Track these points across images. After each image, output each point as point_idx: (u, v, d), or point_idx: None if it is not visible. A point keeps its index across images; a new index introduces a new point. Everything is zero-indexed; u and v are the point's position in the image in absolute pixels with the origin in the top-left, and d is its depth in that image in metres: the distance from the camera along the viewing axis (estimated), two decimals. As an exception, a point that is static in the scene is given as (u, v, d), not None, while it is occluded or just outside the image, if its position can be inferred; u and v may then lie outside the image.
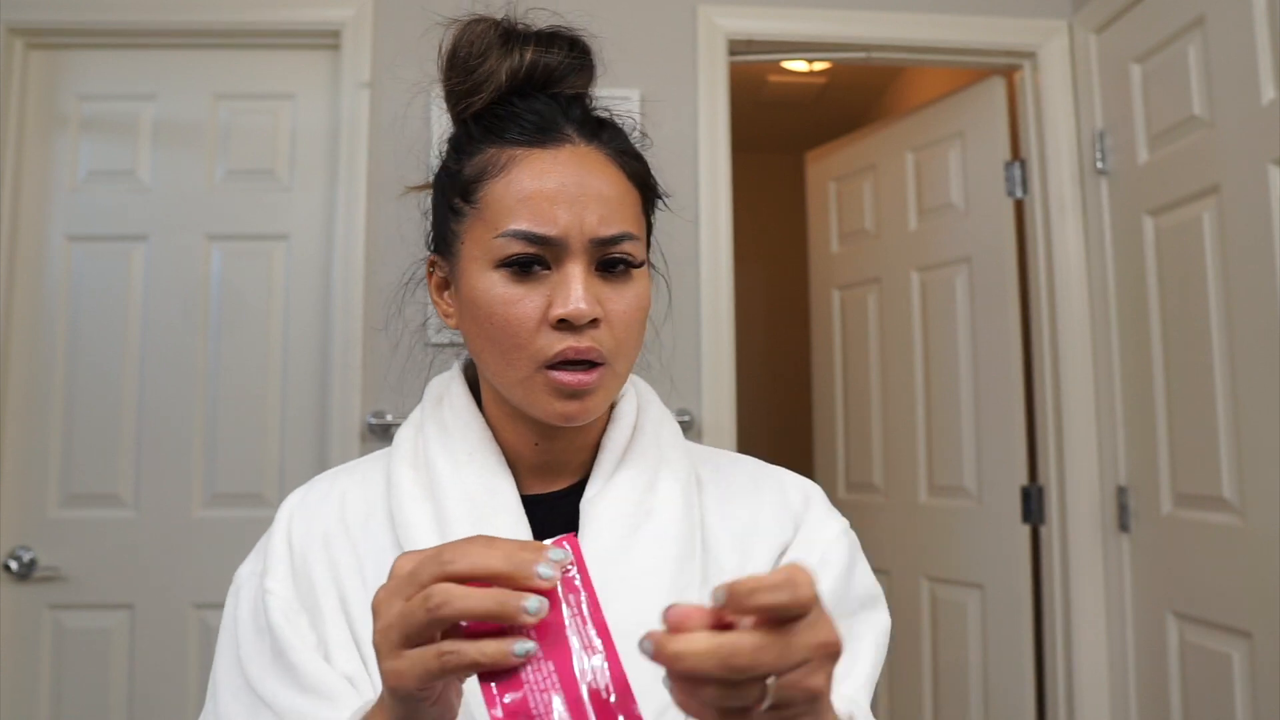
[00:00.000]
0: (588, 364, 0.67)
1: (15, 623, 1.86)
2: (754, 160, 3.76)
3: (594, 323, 0.66)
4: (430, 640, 0.46)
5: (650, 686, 0.49)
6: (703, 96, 2.01)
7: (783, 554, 0.73)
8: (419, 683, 0.46)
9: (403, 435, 0.76)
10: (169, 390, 1.93)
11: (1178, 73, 1.74)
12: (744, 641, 0.42)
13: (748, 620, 0.43)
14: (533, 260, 0.66)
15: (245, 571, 0.74)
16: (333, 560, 0.70)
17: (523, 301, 0.66)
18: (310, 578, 0.70)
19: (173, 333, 1.95)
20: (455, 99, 0.74)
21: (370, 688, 0.66)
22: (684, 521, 0.71)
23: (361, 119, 1.94)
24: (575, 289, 0.65)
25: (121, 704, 1.86)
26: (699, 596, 0.68)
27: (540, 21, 0.74)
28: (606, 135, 0.71)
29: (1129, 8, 1.89)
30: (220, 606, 0.74)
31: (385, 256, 1.91)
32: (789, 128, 3.93)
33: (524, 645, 0.45)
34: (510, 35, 0.72)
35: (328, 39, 1.99)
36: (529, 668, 0.46)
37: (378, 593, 0.48)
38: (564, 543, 0.48)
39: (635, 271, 0.69)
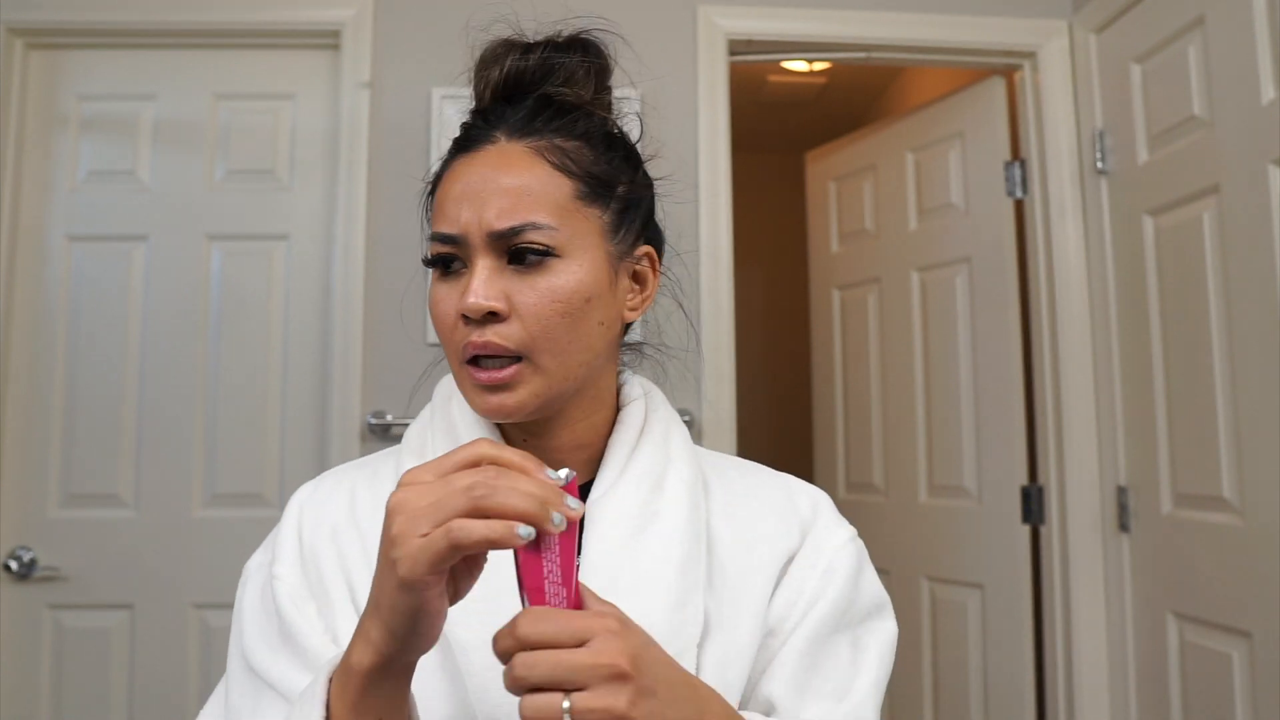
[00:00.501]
0: (501, 360, 0.67)
1: (15, 623, 1.86)
2: (754, 160, 3.76)
3: (494, 316, 0.66)
4: None
5: None
6: (703, 96, 2.01)
7: (789, 561, 0.73)
8: (429, 565, 0.49)
9: (412, 433, 0.78)
10: (169, 390, 1.94)
11: (1178, 73, 1.75)
12: (520, 658, 0.48)
13: None
14: (449, 259, 0.69)
15: (254, 564, 0.75)
16: (341, 552, 0.71)
17: (445, 300, 0.69)
18: (319, 568, 0.71)
19: (173, 333, 1.95)
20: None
21: None
22: (690, 524, 0.71)
23: (361, 119, 1.94)
24: (471, 283, 0.66)
25: (121, 704, 1.86)
26: (703, 600, 0.68)
27: (574, 27, 0.75)
28: (539, 126, 0.70)
29: (1129, 8, 1.89)
30: (220, 606, 0.75)
31: (385, 257, 1.91)
32: (789, 128, 3.93)
33: (526, 529, 0.49)
34: (503, 51, 0.74)
35: (328, 39, 1.99)
36: (549, 581, 0.52)
37: (392, 497, 0.52)
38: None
39: (554, 261, 0.67)
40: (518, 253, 0.67)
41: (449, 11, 1.94)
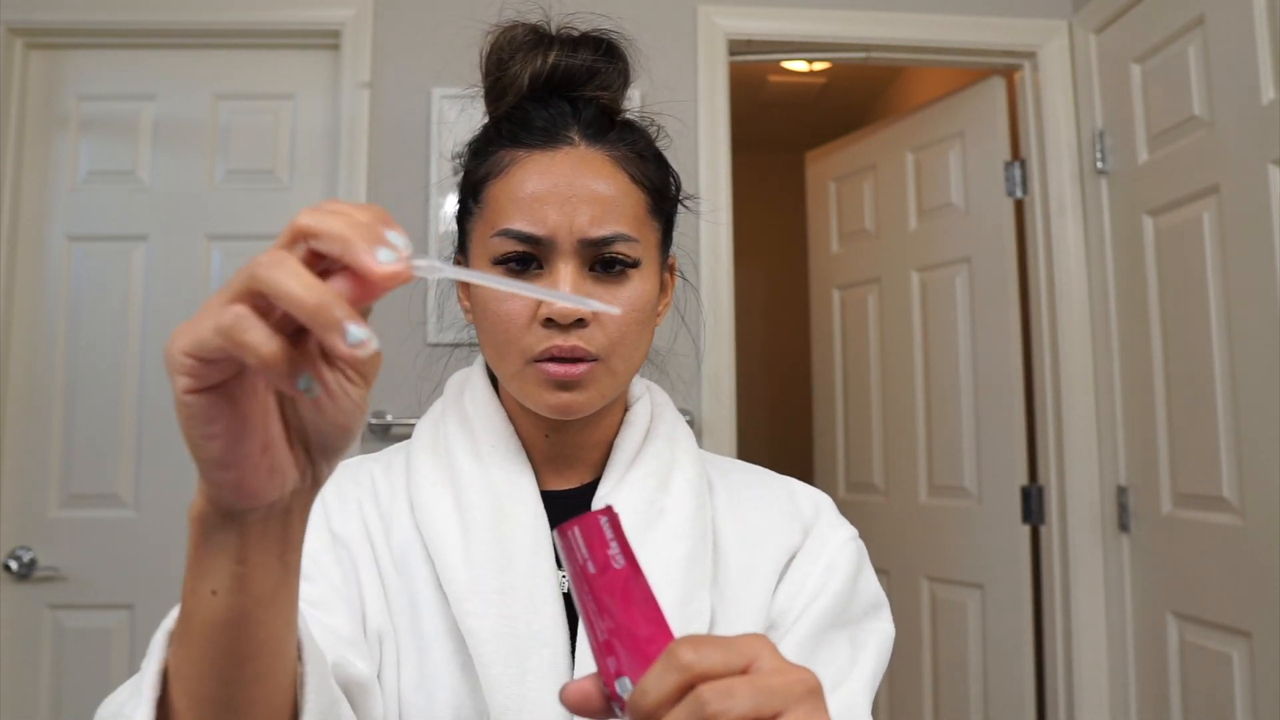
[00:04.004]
0: (575, 359, 0.67)
1: (15, 623, 1.86)
2: (754, 160, 3.76)
3: (581, 322, 0.67)
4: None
5: None
6: (703, 96, 2.01)
7: (791, 560, 0.74)
8: (187, 344, 0.37)
9: (422, 426, 0.78)
10: (169, 390, 1.92)
11: (1178, 73, 1.75)
12: (707, 689, 0.38)
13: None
14: (525, 259, 0.68)
15: None
16: (367, 527, 0.72)
17: (514, 299, 0.68)
18: (347, 539, 0.71)
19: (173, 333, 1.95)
20: (488, 100, 0.76)
21: (394, 646, 0.67)
22: (695, 522, 0.72)
23: (361, 119, 1.94)
24: (561, 289, 0.66)
25: (121, 704, 1.86)
26: (708, 596, 0.69)
27: (583, 24, 0.75)
28: (615, 136, 0.71)
29: (1129, 8, 1.89)
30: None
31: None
32: (789, 128, 3.93)
33: (307, 380, 0.37)
34: (539, 40, 0.73)
35: (328, 39, 1.99)
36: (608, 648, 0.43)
37: None
38: (603, 514, 0.45)
39: (633, 272, 0.69)
40: (607, 261, 0.68)
41: (449, 11, 1.94)
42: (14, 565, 1.84)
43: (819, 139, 3.07)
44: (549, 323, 0.67)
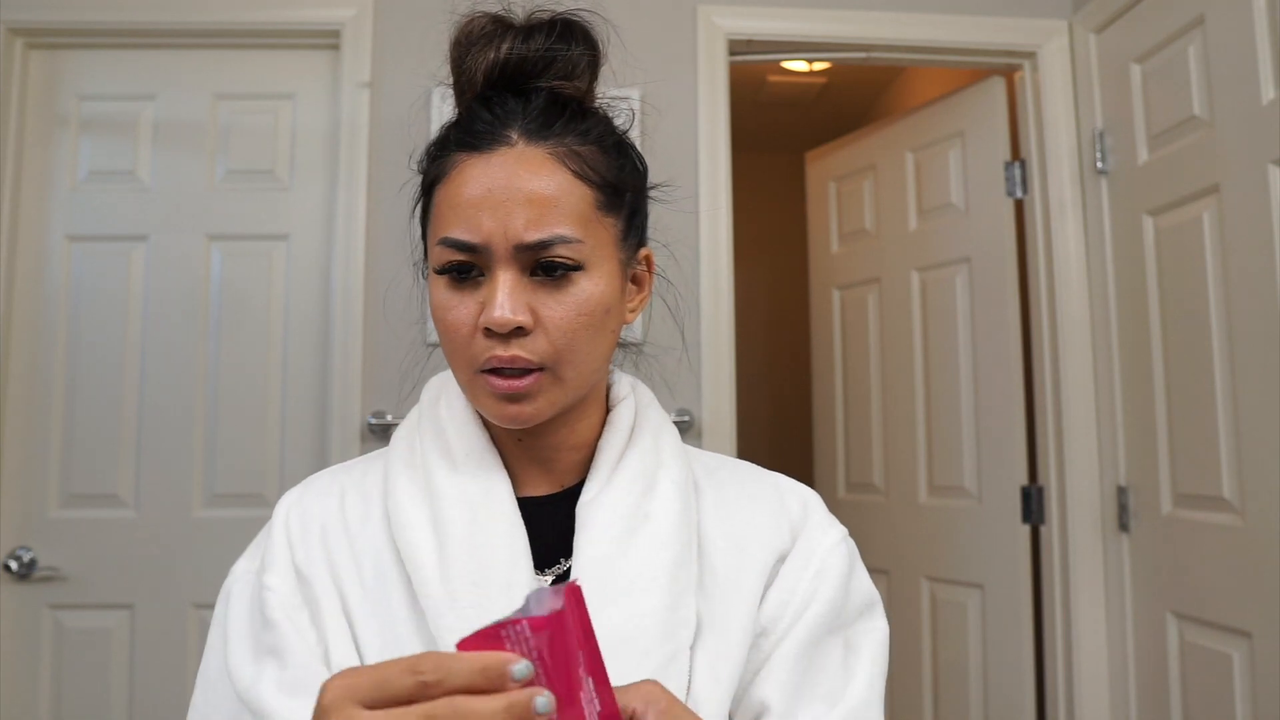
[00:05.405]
0: (520, 370, 0.66)
1: (15, 623, 1.86)
2: (754, 160, 3.76)
3: (520, 331, 0.65)
4: None
5: None
6: (703, 96, 2.01)
7: (780, 561, 0.72)
8: None
9: (399, 436, 0.76)
10: (169, 390, 1.94)
11: (1178, 73, 1.75)
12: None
13: None
14: (466, 267, 0.66)
15: (240, 569, 0.74)
16: (330, 557, 0.70)
17: (458, 308, 0.67)
18: (308, 573, 0.69)
19: (173, 333, 1.95)
20: (455, 98, 0.73)
21: None
22: (681, 526, 0.70)
23: (361, 119, 1.94)
24: (498, 297, 0.64)
25: (121, 704, 1.86)
26: (694, 603, 0.68)
27: (551, 10, 0.72)
28: (560, 129, 0.68)
29: (1129, 8, 1.89)
30: (220, 606, 0.74)
31: (385, 256, 1.91)
32: (789, 128, 3.93)
33: (545, 700, 0.42)
34: (495, 30, 0.70)
35: (328, 39, 1.99)
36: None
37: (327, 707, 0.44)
38: (566, 590, 0.45)
39: (578, 275, 0.66)
40: (546, 266, 0.65)
41: (449, 11, 1.94)
42: (14, 565, 1.84)
43: (819, 139, 3.07)
44: (489, 332, 0.65)
